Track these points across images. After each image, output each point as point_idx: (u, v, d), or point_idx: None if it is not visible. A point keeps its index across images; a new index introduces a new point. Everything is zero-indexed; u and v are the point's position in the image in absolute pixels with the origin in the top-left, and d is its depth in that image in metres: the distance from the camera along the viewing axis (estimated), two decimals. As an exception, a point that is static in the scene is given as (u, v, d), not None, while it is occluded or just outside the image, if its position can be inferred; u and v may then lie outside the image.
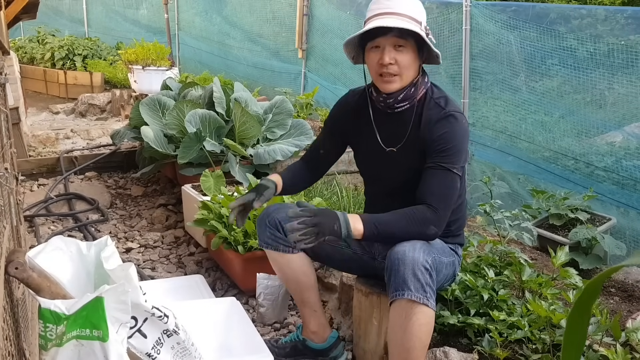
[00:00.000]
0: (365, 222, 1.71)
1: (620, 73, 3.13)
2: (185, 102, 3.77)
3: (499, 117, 3.83)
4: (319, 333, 2.12)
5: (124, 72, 7.32)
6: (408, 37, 1.77)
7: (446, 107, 1.82)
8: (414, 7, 1.79)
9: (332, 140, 2.09)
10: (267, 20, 6.75)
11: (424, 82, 1.87)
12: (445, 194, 1.76)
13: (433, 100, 1.84)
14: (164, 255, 3.18)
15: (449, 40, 4.06)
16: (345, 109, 2.02)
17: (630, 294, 2.45)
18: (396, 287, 1.64)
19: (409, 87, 1.83)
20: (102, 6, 10.11)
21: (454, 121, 1.79)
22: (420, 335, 1.65)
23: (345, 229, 1.68)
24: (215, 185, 3.12)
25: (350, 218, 1.71)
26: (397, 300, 1.65)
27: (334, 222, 1.68)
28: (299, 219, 1.67)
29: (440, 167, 1.76)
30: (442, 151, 1.77)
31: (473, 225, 3.03)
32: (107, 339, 1.22)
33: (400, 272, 1.64)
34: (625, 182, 3.14)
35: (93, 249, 1.46)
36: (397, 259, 1.66)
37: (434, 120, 1.81)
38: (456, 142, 1.78)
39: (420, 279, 1.63)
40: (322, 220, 1.68)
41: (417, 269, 1.63)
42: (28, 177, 4.31)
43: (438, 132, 1.79)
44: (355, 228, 1.70)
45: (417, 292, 1.62)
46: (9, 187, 1.75)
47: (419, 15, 1.79)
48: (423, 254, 1.66)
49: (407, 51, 1.78)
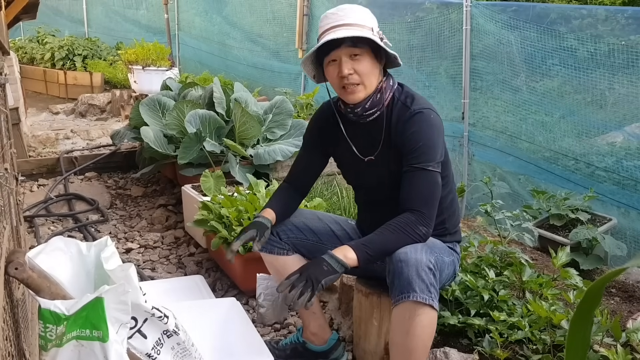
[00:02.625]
0: (355, 248, 1.67)
1: (621, 73, 3.13)
2: (185, 102, 3.77)
3: (500, 117, 3.82)
4: (319, 334, 2.11)
5: (124, 73, 7.32)
6: (362, 44, 1.76)
7: (412, 106, 1.79)
8: (362, 15, 1.79)
9: (312, 154, 2.05)
10: (267, 21, 6.75)
11: (389, 86, 1.85)
12: (426, 194, 1.74)
13: (400, 102, 1.83)
14: (164, 256, 3.18)
15: (449, 40, 4.06)
16: (321, 122, 2.00)
17: (631, 295, 2.45)
18: (401, 290, 1.63)
19: (375, 94, 1.82)
20: (102, 6, 10.11)
21: (421, 118, 1.77)
22: (423, 336, 1.65)
23: (335, 264, 1.63)
24: (215, 185, 3.11)
25: (337, 252, 1.66)
26: (402, 303, 1.63)
27: (321, 265, 1.63)
28: (289, 285, 1.62)
29: (415, 168, 1.74)
30: (413, 151, 1.75)
31: (474, 226, 3.03)
32: (107, 339, 1.22)
33: (405, 274, 1.62)
34: (625, 183, 3.14)
35: (93, 250, 1.46)
36: (400, 260, 1.64)
37: (402, 121, 1.79)
38: (426, 139, 1.75)
39: (425, 279, 1.62)
40: (310, 271, 1.63)
41: (421, 270, 1.62)
42: (28, 177, 4.31)
43: (407, 132, 1.77)
44: (347, 258, 1.65)
45: (422, 293, 1.61)
46: (8, 188, 1.75)
47: (368, 22, 1.79)
48: (426, 254, 1.65)
49: (364, 58, 1.77)
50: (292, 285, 1.60)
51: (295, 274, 1.64)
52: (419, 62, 4.37)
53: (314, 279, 1.60)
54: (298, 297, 1.57)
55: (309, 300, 1.58)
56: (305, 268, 1.65)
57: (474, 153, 3.90)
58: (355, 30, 1.74)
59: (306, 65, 1.89)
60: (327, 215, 2.12)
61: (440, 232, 1.90)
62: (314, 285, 1.59)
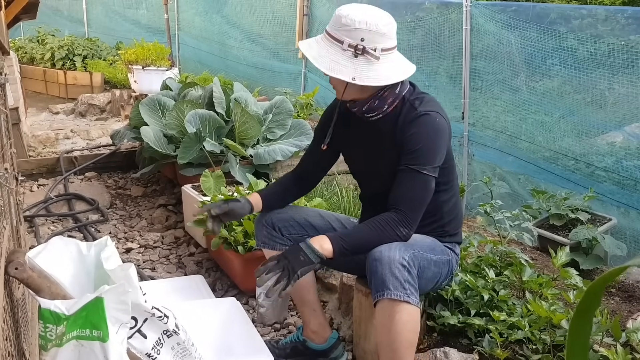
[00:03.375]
0: (332, 239, 1.69)
1: (621, 73, 3.12)
2: (185, 102, 3.77)
3: (499, 117, 3.82)
4: (319, 333, 2.12)
5: (123, 72, 7.32)
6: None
7: (419, 108, 1.78)
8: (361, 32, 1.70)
9: (321, 147, 2.05)
10: (267, 21, 6.75)
11: (394, 93, 1.82)
12: (414, 197, 1.73)
13: (409, 102, 1.82)
14: (163, 256, 3.18)
15: (449, 40, 4.06)
16: (332, 117, 2.00)
17: (631, 295, 2.45)
18: (377, 288, 1.64)
19: (372, 101, 1.81)
20: (102, 6, 10.11)
21: (425, 120, 1.76)
22: (405, 333, 1.65)
23: (311, 254, 1.65)
24: (215, 185, 3.11)
25: (314, 241, 1.68)
26: (379, 301, 1.65)
27: (298, 254, 1.66)
28: (265, 270, 1.66)
29: (409, 169, 1.74)
30: (411, 152, 1.74)
31: (473, 226, 3.03)
32: (107, 339, 1.22)
33: (379, 272, 1.63)
34: (625, 183, 3.14)
35: (93, 249, 1.45)
36: (374, 259, 1.66)
37: (407, 121, 1.79)
38: (426, 142, 1.74)
39: (398, 276, 1.62)
40: (287, 259, 1.66)
41: (394, 267, 1.62)
42: (28, 177, 4.31)
43: (408, 133, 1.76)
44: (323, 248, 1.66)
45: (396, 290, 1.61)
46: (8, 188, 1.75)
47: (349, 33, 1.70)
48: (399, 251, 1.65)
49: (341, 85, 1.78)
50: (269, 270, 1.65)
51: (273, 261, 1.68)
52: (418, 62, 4.36)
53: (291, 268, 1.64)
54: (274, 285, 1.63)
55: (284, 289, 1.63)
56: (284, 256, 1.68)
57: (473, 153, 3.89)
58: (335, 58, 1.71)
59: None
60: (329, 213, 2.13)
61: (440, 233, 1.90)
62: (290, 275, 1.64)
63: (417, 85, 1.90)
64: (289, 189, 2.10)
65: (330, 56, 1.72)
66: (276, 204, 2.06)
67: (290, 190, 2.11)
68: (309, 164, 2.10)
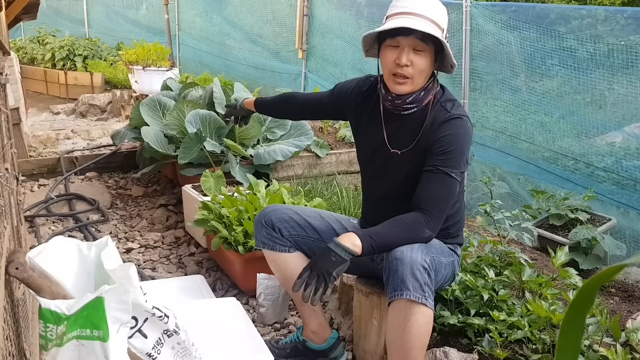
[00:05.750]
0: (362, 237, 1.68)
1: (620, 73, 3.13)
2: (186, 102, 3.78)
3: (499, 118, 3.83)
4: (319, 333, 2.12)
5: (124, 73, 7.33)
6: (429, 41, 1.74)
7: (452, 110, 1.79)
8: (438, 12, 1.76)
9: (333, 103, 2.10)
10: (268, 21, 6.75)
11: (434, 87, 1.85)
12: (441, 199, 1.74)
13: (439, 103, 1.83)
14: (164, 256, 3.18)
15: (449, 40, 4.06)
16: (359, 89, 1.99)
17: (630, 294, 2.45)
18: (395, 287, 1.64)
19: (419, 91, 1.82)
20: (102, 7, 10.12)
21: (458, 124, 1.77)
22: (419, 335, 1.65)
23: (342, 252, 1.64)
24: (215, 185, 3.12)
25: (344, 239, 1.67)
26: (395, 301, 1.64)
27: (329, 257, 1.64)
28: (302, 284, 1.64)
29: (439, 170, 1.74)
30: (442, 154, 1.75)
31: (473, 226, 3.03)
32: (107, 339, 1.22)
33: (399, 272, 1.63)
34: (625, 183, 3.14)
35: (93, 249, 1.46)
36: (396, 258, 1.65)
37: (438, 122, 1.79)
38: (458, 145, 1.75)
39: (419, 278, 1.63)
40: (319, 265, 1.64)
41: (416, 269, 1.63)
42: (28, 177, 4.31)
43: (440, 134, 1.76)
44: (354, 245, 1.65)
45: (415, 291, 1.62)
46: (9, 188, 1.75)
47: (442, 21, 1.76)
48: (421, 253, 1.66)
49: (425, 56, 1.76)
50: (305, 284, 1.62)
51: (306, 271, 1.65)
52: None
53: (325, 272, 1.62)
54: (314, 294, 1.60)
55: (324, 294, 1.62)
56: (315, 263, 1.66)
57: (473, 153, 3.90)
58: (428, 25, 1.71)
59: (366, 38, 1.85)
60: (329, 214, 2.13)
61: (443, 234, 1.90)
62: (327, 279, 1.62)
63: (447, 89, 1.90)
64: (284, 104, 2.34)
65: (435, 32, 1.72)
66: (268, 108, 2.44)
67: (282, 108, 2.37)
68: (310, 101, 2.21)
